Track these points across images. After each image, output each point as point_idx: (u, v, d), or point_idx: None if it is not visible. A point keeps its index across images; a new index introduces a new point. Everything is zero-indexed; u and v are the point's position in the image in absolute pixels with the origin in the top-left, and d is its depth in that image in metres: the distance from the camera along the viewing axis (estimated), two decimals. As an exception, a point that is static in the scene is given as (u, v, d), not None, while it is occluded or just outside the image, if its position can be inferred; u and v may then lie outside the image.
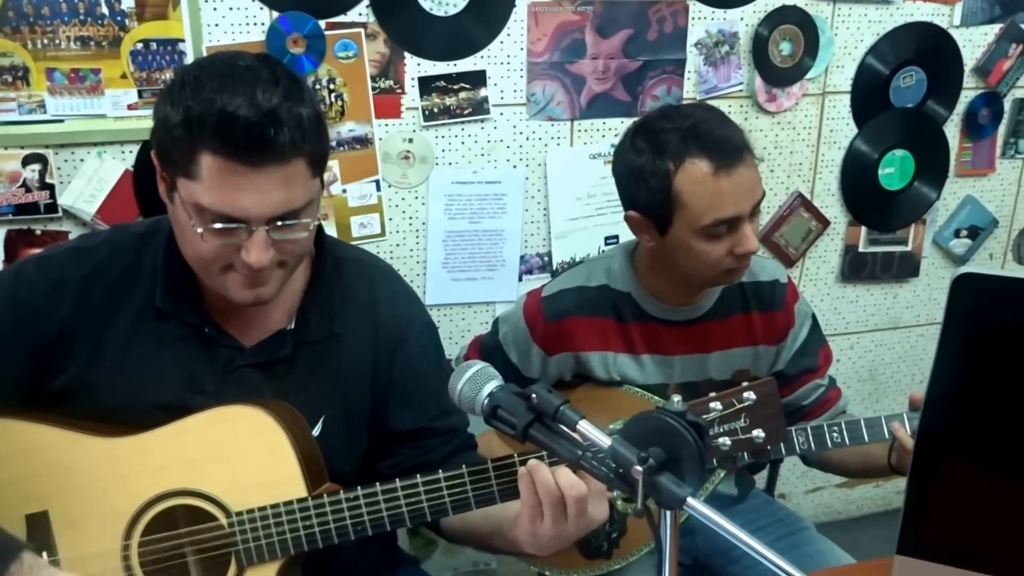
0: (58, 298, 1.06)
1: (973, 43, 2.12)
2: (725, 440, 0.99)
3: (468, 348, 1.55)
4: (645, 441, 0.74)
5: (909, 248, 2.25)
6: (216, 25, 1.64)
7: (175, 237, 1.06)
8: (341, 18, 1.71)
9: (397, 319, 1.18)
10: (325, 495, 1.02)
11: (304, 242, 1.03)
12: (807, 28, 1.97)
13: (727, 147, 1.22)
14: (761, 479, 1.81)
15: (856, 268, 2.22)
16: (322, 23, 1.69)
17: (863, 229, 2.19)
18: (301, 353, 1.12)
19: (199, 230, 0.97)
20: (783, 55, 1.98)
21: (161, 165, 1.01)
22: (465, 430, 1.21)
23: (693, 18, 1.90)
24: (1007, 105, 2.19)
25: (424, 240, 1.87)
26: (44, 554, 1.02)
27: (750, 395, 0.94)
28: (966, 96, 2.16)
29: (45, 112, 1.60)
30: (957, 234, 2.27)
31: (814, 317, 1.49)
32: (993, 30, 2.12)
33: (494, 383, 0.85)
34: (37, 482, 1.02)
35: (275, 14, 1.67)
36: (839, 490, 2.43)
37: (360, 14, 1.72)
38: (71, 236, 1.66)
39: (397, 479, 1.03)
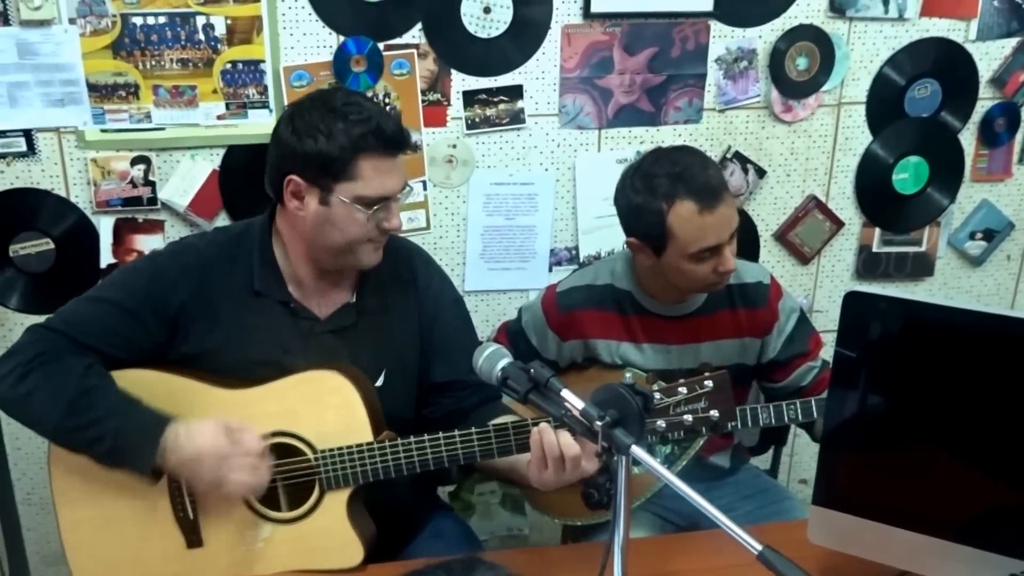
0: (183, 280, 1.43)
1: (990, 56, 2.29)
2: (688, 416, 1.28)
3: (497, 331, 1.87)
4: (606, 404, 1.04)
5: (923, 249, 2.44)
6: (292, 48, 1.98)
7: (312, 237, 1.42)
8: (397, 40, 2.02)
9: (433, 294, 1.54)
10: (386, 440, 1.37)
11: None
12: (823, 44, 2.18)
13: (709, 190, 1.51)
14: (766, 460, 2.08)
15: (870, 267, 2.43)
16: (380, 45, 2.01)
17: (877, 230, 2.40)
18: (363, 321, 1.48)
19: (365, 215, 1.37)
20: (799, 69, 2.20)
21: (311, 181, 1.38)
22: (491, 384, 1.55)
23: (714, 36, 2.14)
24: (1024, 115, 2.36)
25: (464, 234, 2.18)
26: None
27: (708, 383, 1.23)
28: (982, 106, 2.33)
29: (150, 121, 1.97)
30: (972, 236, 2.45)
31: (801, 311, 1.75)
32: (1010, 43, 2.28)
33: (505, 360, 1.17)
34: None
35: (341, 38, 1.99)
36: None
37: (413, 36, 2.03)
38: (167, 223, 2.04)
39: (440, 432, 1.37)
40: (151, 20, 1.90)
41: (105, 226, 2.01)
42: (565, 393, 1.12)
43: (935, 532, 1.16)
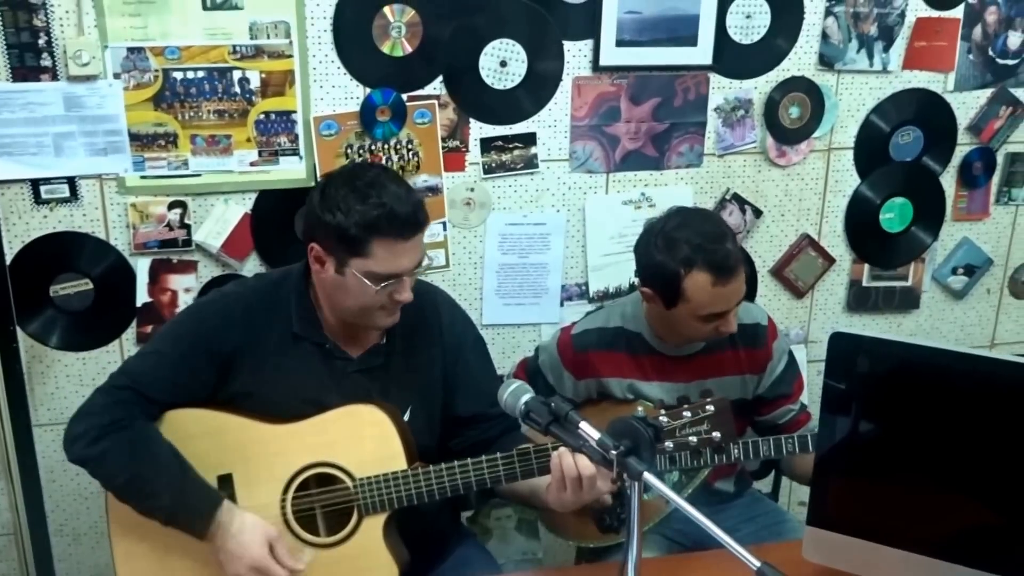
0: (231, 328, 1.58)
1: (967, 105, 2.50)
2: (692, 438, 1.43)
3: (517, 367, 2.03)
4: (621, 435, 1.19)
5: (910, 283, 2.63)
6: (321, 99, 2.14)
7: (330, 297, 1.57)
8: (419, 92, 2.19)
9: (457, 336, 1.70)
10: (419, 468, 1.51)
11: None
12: (813, 94, 2.38)
13: (726, 266, 1.68)
14: (767, 483, 2.24)
15: (860, 300, 2.62)
16: (404, 96, 2.18)
17: (866, 266, 2.58)
18: (391, 361, 1.63)
19: (374, 289, 1.49)
20: (792, 117, 2.39)
21: (329, 251, 1.52)
22: (512, 415, 1.70)
23: (713, 87, 2.33)
24: (1000, 158, 2.56)
25: (481, 271, 2.34)
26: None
27: (710, 407, 1.38)
28: (961, 151, 2.54)
29: (187, 168, 2.12)
30: (955, 271, 2.65)
31: (790, 353, 1.94)
32: (985, 94, 2.50)
33: (528, 395, 1.32)
34: (225, 453, 1.54)
35: (367, 90, 2.15)
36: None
37: (435, 88, 2.20)
38: (199, 264, 2.18)
39: (469, 458, 1.52)
40: (191, 75, 2.06)
41: (141, 267, 2.15)
42: (583, 425, 1.27)
43: (920, 550, 1.32)
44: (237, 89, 2.09)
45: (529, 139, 2.28)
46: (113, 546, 1.56)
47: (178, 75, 2.05)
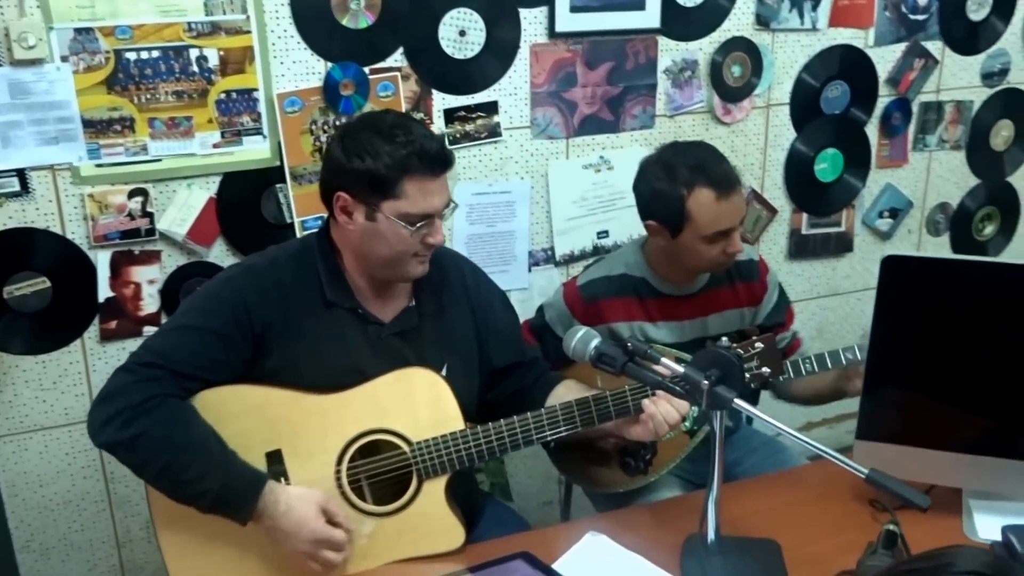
0: (263, 300, 1.53)
1: (885, 59, 2.71)
2: (745, 375, 1.52)
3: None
4: (705, 366, 1.27)
5: (843, 229, 2.84)
6: (283, 75, 2.10)
7: (361, 249, 1.56)
8: (381, 64, 2.19)
9: (483, 292, 1.74)
10: (478, 427, 1.53)
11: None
12: (753, 54, 2.53)
13: (726, 180, 1.77)
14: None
15: (801, 247, 2.80)
16: (366, 69, 2.17)
17: (804, 215, 2.77)
18: (424, 323, 1.64)
19: (408, 231, 1.50)
20: (735, 76, 2.53)
21: (359, 198, 1.51)
22: (543, 359, 1.79)
23: (661, 50, 2.44)
24: (915, 108, 2.80)
25: (450, 243, 2.36)
26: (282, 479, 1.51)
27: (759, 344, 1.48)
28: (882, 102, 2.75)
29: (147, 154, 2.04)
30: (881, 215, 2.87)
31: (780, 285, 2.06)
32: (901, 48, 2.71)
33: (596, 339, 1.38)
34: (271, 428, 1.51)
35: (329, 64, 2.13)
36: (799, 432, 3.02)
37: (396, 60, 2.20)
38: (163, 253, 2.11)
39: (528, 412, 1.55)
40: (144, 55, 1.98)
41: (102, 260, 2.06)
42: (665, 360, 1.35)
43: (964, 449, 1.47)
44: (195, 68, 2.03)
45: (491, 108, 2.31)
46: (160, 540, 1.50)
47: (131, 56, 1.97)
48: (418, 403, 1.54)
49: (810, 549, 1.52)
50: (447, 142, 2.28)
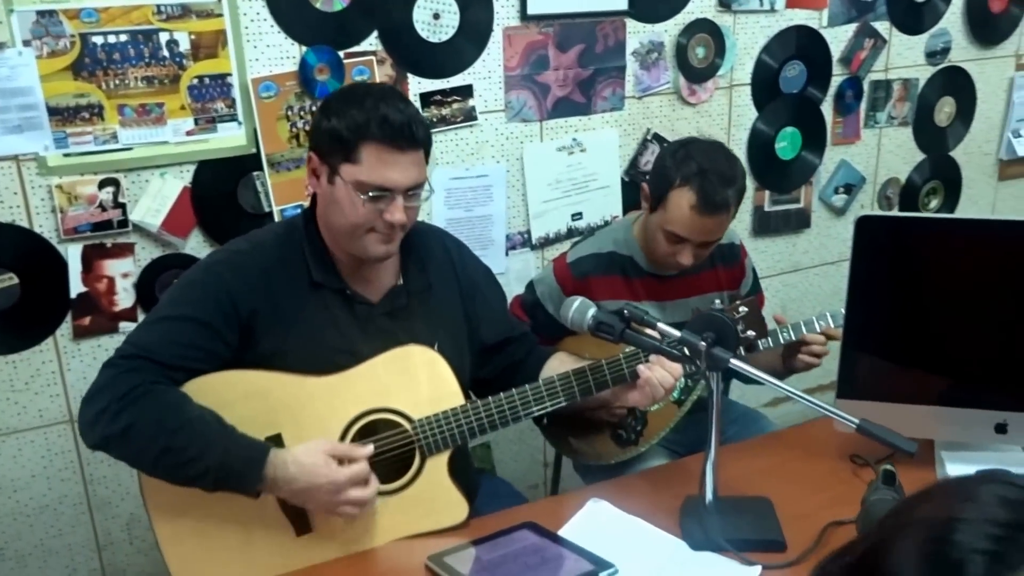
0: (247, 285, 1.50)
1: (838, 39, 2.81)
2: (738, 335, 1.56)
3: (511, 306, 2.07)
4: (703, 328, 1.31)
5: (802, 205, 2.94)
6: (257, 60, 2.06)
7: (324, 216, 1.54)
8: (356, 48, 2.16)
9: (468, 268, 1.74)
10: (478, 401, 1.53)
11: (418, 210, 1.56)
12: (716, 36, 2.59)
13: (714, 202, 1.78)
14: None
15: (764, 224, 2.89)
16: (341, 54, 2.14)
17: (767, 192, 2.85)
18: (412, 302, 1.64)
19: (361, 198, 1.46)
20: (699, 58, 2.59)
21: (324, 158, 1.50)
22: (532, 332, 1.80)
23: (629, 32, 2.48)
24: (866, 86, 2.91)
25: (430, 228, 2.36)
26: None
27: (743, 308, 1.52)
28: (836, 81, 2.85)
29: (117, 142, 1.97)
30: (836, 191, 2.98)
31: (755, 270, 2.12)
32: (852, 28, 2.82)
33: (593, 309, 1.40)
34: (270, 413, 1.48)
35: (303, 48, 2.10)
36: (765, 409, 3.12)
37: (371, 44, 2.18)
38: (137, 246, 2.04)
39: (526, 384, 1.57)
40: (112, 39, 1.92)
41: (73, 254, 1.99)
42: (661, 326, 1.38)
43: (934, 402, 1.55)
44: (166, 53, 1.97)
45: (466, 91, 2.31)
46: (156, 530, 1.46)
47: (98, 40, 1.90)
48: (417, 380, 1.54)
49: (800, 504, 1.59)
50: (423, 126, 2.27)
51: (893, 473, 1.48)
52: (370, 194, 1.47)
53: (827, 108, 2.87)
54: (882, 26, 2.86)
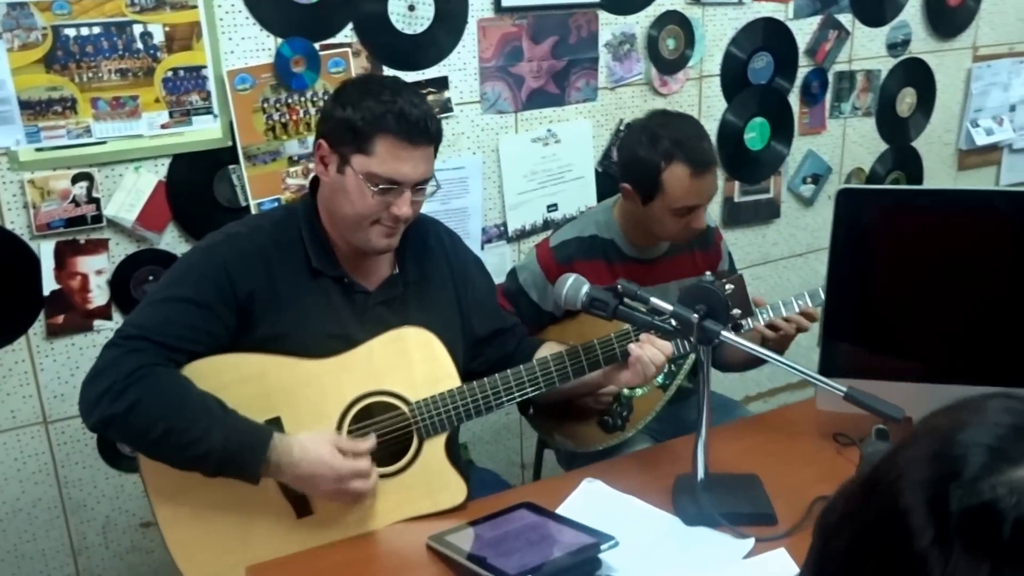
0: (246, 268, 1.51)
1: (803, 31, 2.88)
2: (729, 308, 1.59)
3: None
4: (694, 301, 1.33)
5: (771, 195, 2.99)
6: (232, 52, 2.05)
7: (329, 204, 1.55)
8: (331, 40, 2.16)
9: (461, 259, 1.75)
10: (474, 382, 1.55)
11: (422, 204, 1.57)
12: (685, 27, 2.63)
13: (703, 160, 1.84)
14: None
15: (734, 215, 2.94)
16: (316, 45, 2.14)
17: (736, 183, 2.90)
18: (408, 292, 1.65)
19: (371, 189, 1.48)
20: (670, 49, 2.63)
21: (335, 147, 1.51)
22: (522, 324, 1.82)
23: (602, 24, 2.51)
24: (831, 78, 2.98)
25: (408, 220, 2.36)
26: None
27: (729, 286, 1.55)
28: (802, 72, 2.92)
29: (91, 136, 1.95)
30: (804, 181, 3.05)
31: (730, 254, 2.16)
32: (817, 20, 2.89)
33: (587, 286, 1.41)
34: (268, 396, 1.48)
35: (279, 40, 2.09)
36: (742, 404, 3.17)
37: (346, 36, 2.18)
38: (111, 241, 2.01)
39: (521, 366, 1.58)
40: (85, 31, 1.89)
41: (45, 251, 1.95)
42: (654, 300, 1.40)
43: (915, 379, 1.59)
44: (140, 45, 1.95)
45: (442, 83, 2.32)
46: (157, 514, 1.45)
47: (70, 32, 1.87)
48: (414, 362, 1.55)
49: (787, 481, 1.62)
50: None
51: (886, 431, 1.52)
52: (380, 186, 1.49)
53: (794, 99, 2.93)
54: (845, 18, 2.93)
